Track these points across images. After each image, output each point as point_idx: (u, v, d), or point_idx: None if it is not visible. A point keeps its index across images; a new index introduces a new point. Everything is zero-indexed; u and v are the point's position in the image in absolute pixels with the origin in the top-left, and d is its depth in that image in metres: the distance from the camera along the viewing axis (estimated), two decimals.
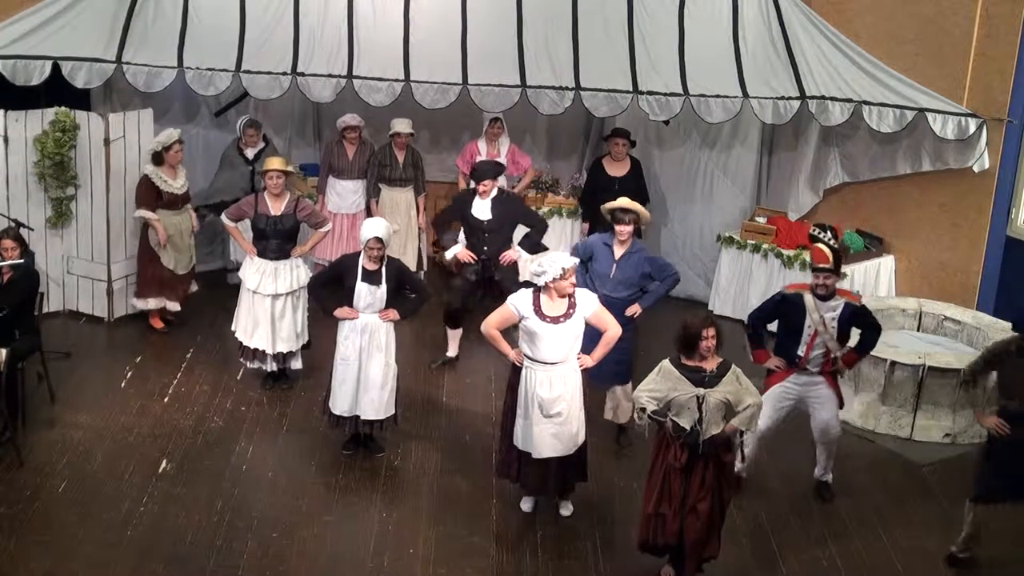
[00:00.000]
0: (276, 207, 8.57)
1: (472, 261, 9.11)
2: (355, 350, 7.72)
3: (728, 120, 9.95)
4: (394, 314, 7.74)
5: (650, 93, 9.72)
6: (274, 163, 8.59)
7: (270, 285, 8.60)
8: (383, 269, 7.63)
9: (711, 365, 6.30)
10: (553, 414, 6.93)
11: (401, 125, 10.48)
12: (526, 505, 7.40)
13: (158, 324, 9.83)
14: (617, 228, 7.97)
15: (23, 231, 8.95)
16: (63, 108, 9.50)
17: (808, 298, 7.35)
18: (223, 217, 8.86)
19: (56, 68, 9.30)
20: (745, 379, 6.38)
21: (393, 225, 10.33)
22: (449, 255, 9.22)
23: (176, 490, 7.42)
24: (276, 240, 8.58)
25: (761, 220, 10.60)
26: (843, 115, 9.69)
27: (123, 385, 8.89)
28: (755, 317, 7.65)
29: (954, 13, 9.48)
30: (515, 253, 9.12)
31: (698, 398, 6.22)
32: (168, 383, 8.92)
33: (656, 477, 6.42)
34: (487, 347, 7.58)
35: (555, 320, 6.85)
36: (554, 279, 6.80)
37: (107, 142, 9.58)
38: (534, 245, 9.09)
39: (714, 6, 10.04)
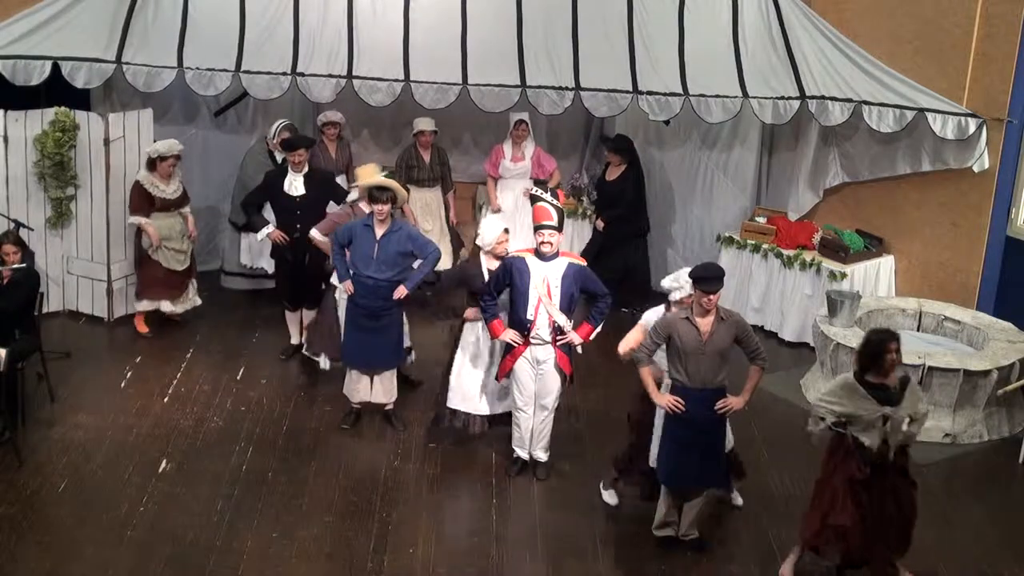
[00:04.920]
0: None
1: (284, 241, 9.05)
2: (488, 349, 7.88)
3: (728, 120, 9.95)
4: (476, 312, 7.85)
5: (650, 93, 9.72)
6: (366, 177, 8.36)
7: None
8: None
9: (893, 381, 6.22)
10: None
11: (424, 123, 10.43)
12: (611, 499, 7.45)
13: (142, 328, 9.77)
14: (375, 208, 7.91)
15: (23, 231, 8.97)
16: (63, 108, 9.50)
17: (531, 259, 7.38)
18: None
19: (56, 68, 9.30)
20: (918, 388, 6.41)
21: (425, 225, 10.35)
22: (260, 236, 9.13)
23: (176, 490, 7.43)
24: None
25: (761, 220, 10.60)
26: (843, 115, 9.69)
27: (123, 385, 8.89)
28: (487, 290, 7.61)
29: (954, 13, 9.47)
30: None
31: (884, 417, 6.17)
32: (168, 383, 8.92)
33: (833, 486, 6.36)
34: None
35: None
36: (689, 295, 6.82)
37: (107, 142, 9.58)
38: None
39: (714, 6, 10.03)
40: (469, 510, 7.40)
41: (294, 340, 9.49)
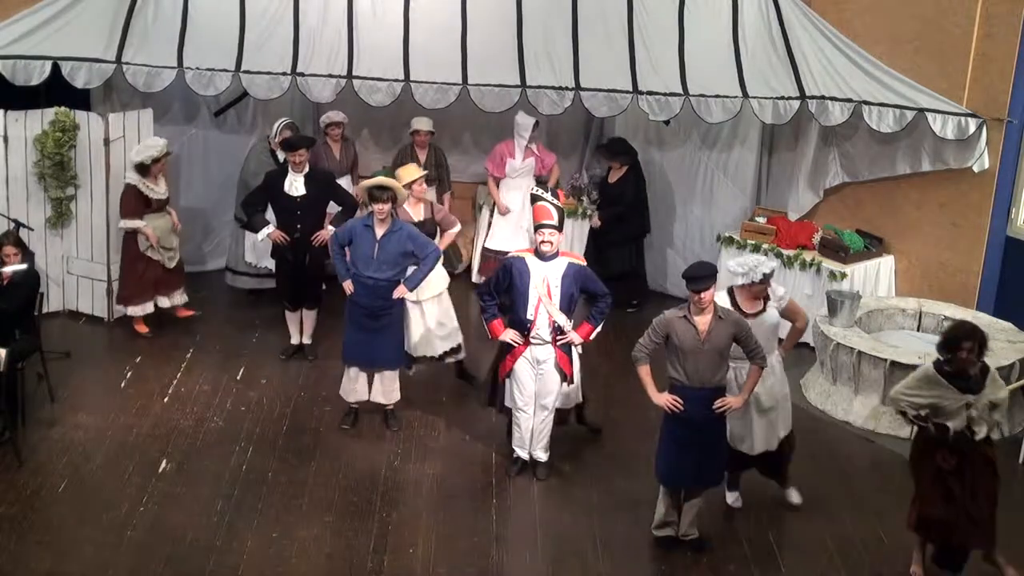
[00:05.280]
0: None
1: (285, 241, 9.04)
2: None
3: (728, 120, 9.95)
4: None
5: (650, 93, 9.72)
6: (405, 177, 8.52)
7: None
8: None
9: (974, 369, 6.31)
10: (767, 408, 7.13)
11: (421, 123, 10.42)
12: (736, 501, 7.50)
13: (142, 329, 9.76)
14: (375, 207, 7.91)
15: (23, 231, 8.98)
16: (63, 108, 9.50)
17: (531, 259, 7.39)
18: None
19: (56, 68, 9.30)
20: (999, 377, 6.53)
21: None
22: (260, 236, 9.14)
23: (176, 490, 7.43)
24: None
25: (761, 220, 10.60)
26: (843, 115, 9.69)
27: (123, 385, 8.89)
28: (485, 289, 7.61)
29: (954, 13, 9.47)
30: (327, 232, 8.97)
31: (967, 405, 6.26)
32: (168, 383, 8.92)
33: (923, 478, 6.47)
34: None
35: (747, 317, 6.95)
36: (752, 283, 6.92)
37: (107, 142, 9.58)
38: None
39: (714, 6, 10.03)
40: (469, 510, 7.39)
41: (294, 340, 9.48)
